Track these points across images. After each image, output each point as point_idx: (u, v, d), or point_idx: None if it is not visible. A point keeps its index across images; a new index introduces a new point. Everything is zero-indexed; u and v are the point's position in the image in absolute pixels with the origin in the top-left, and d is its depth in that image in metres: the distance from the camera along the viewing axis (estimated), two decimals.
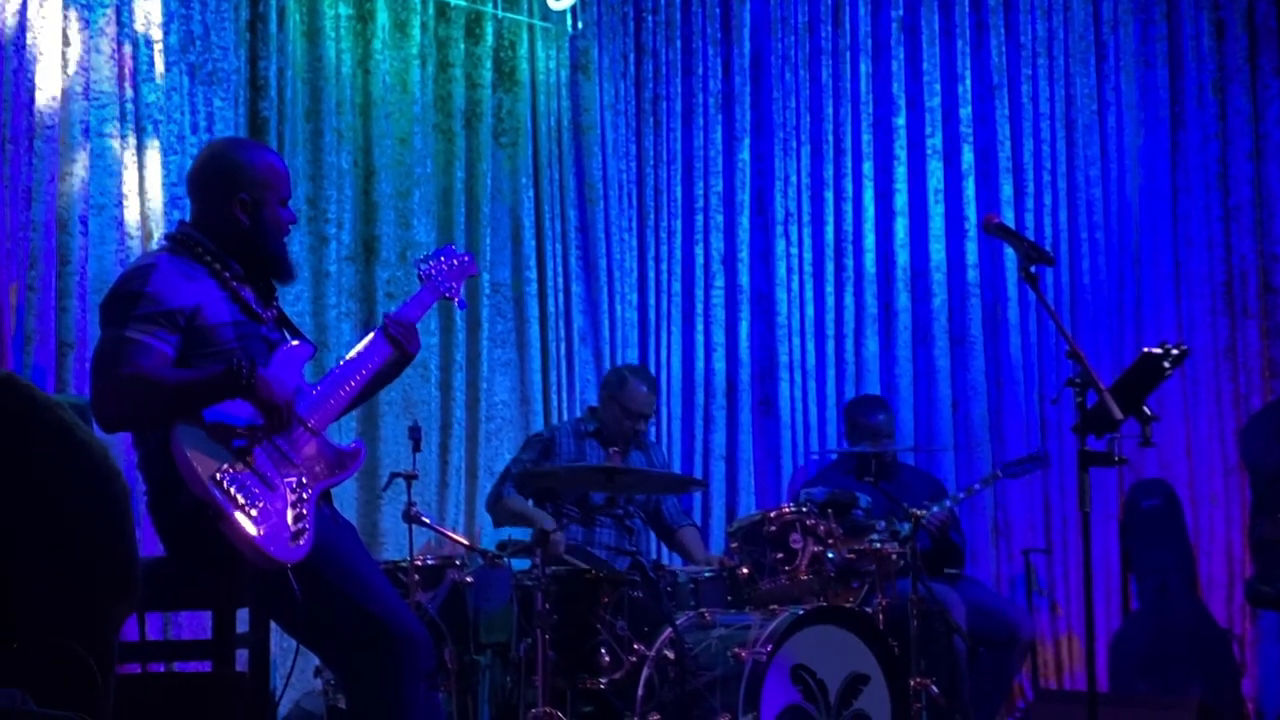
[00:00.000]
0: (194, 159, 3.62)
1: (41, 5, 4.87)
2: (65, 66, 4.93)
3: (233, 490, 3.07)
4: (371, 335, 3.53)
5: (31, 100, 4.82)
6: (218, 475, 3.07)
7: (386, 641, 3.17)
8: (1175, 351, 3.95)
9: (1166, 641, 6.56)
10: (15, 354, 4.69)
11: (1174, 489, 6.77)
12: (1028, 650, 6.06)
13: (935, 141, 6.93)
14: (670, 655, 4.58)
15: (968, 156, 6.94)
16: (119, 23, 5.09)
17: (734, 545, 5.08)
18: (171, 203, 5.17)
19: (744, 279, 6.71)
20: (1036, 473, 6.71)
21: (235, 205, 3.38)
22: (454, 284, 3.76)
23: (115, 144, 5.06)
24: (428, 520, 4.91)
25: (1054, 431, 6.81)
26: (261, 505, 3.09)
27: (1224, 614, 6.63)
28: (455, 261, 3.79)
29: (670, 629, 4.61)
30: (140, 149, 5.13)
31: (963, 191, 6.93)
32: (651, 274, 6.62)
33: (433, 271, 3.73)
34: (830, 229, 6.84)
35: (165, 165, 5.19)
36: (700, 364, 6.63)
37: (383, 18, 5.98)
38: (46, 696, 1.21)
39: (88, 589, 1.25)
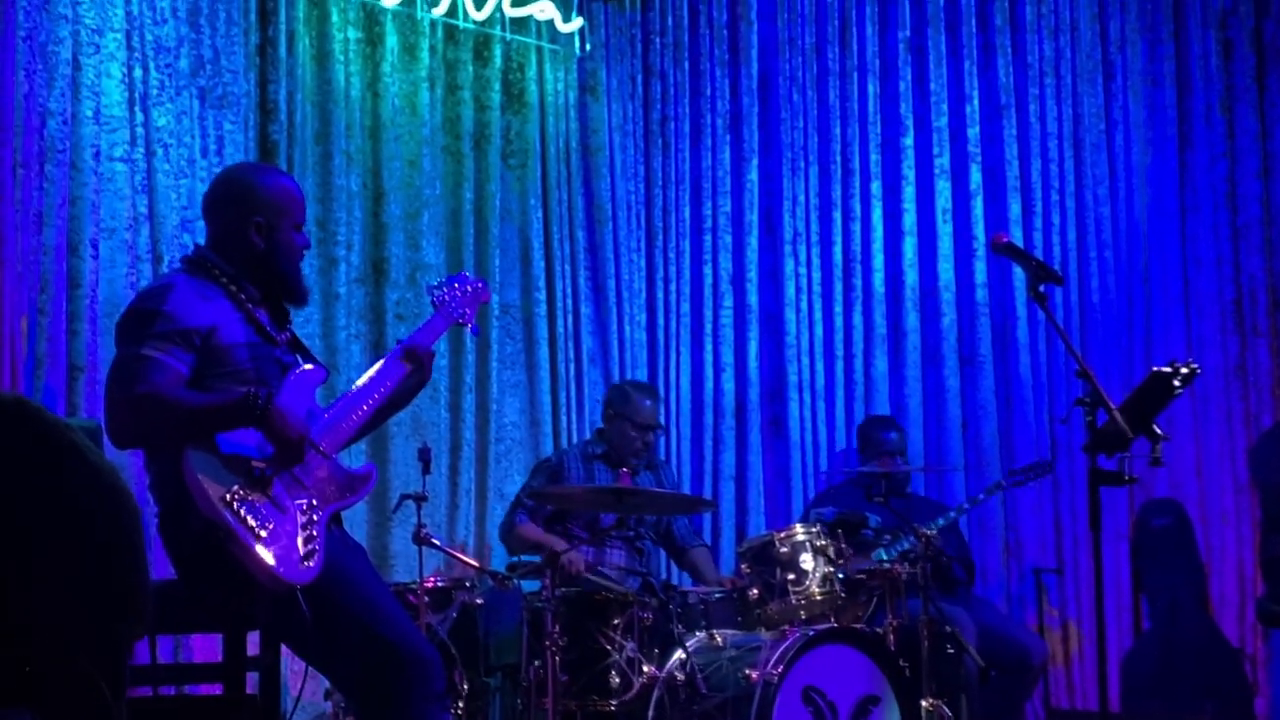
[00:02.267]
0: (211, 183, 3.63)
1: (53, 29, 4.89)
2: (76, 90, 4.96)
3: (243, 512, 3.07)
4: (384, 360, 3.54)
5: (42, 124, 4.85)
6: (228, 497, 3.07)
7: (396, 663, 3.16)
8: (1185, 370, 3.94)
9: (1178, 661, 6.54)
10: (26, 377, 4.70)
11: (1184, 508, 6.76)
12: (1040, 675, 6.02)
13: (943, 161, 6.94)
14: (681, 677, 4.57)
15: (976, 176, 6.95)
16: (129, 47, 5.11)
17: (744, 566, 5.08)
18: (182, 226, 5.19)
19: (753, 299, 6.71)
20: (1047, 492, 6.70)
21: (250, 229, 3.40)
22: (467, 310, 3.77)
23: (126, 167, 5.08)
24: (437, 542, 4.91)
25: (1064, 451, 6.79)
26: (272, 527, 3.09)
27: (1235, 633, 6.60)
28: (469, 288, 3.79)
29: (681, 650, 4.60)
30: (150, 172, 5.15)
31: (971, 211, 6.93)
32: (660, 294, 6.62)
33: (446, 298, 3.73)
34: (839, 249, 6.85)
35: (176, 188, 5.21)
36: (709, 384, 6.63)
37: (392, 41, 6.00)
38: (58, 719, 1.21)
39: (99, 610, 1.25)
